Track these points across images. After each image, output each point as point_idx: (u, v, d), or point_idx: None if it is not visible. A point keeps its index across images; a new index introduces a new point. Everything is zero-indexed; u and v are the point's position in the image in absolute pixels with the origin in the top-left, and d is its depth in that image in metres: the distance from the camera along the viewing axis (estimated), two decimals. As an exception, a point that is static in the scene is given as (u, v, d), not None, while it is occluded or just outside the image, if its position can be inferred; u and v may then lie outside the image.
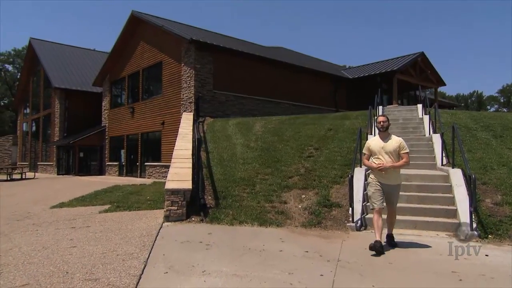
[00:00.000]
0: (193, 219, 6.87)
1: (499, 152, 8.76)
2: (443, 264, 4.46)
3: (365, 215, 6.46)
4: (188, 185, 7.15)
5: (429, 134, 10.53)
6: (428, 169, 8.43)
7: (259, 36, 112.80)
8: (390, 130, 5.46)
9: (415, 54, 23.15)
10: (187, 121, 13.51)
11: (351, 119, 13.10)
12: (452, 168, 7.37)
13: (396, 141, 5.16)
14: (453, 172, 7.12)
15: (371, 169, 5.28)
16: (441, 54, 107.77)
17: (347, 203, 6.86)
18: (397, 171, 5.14)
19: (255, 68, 17.93)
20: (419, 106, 13.68)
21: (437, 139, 9.40)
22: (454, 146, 7.63)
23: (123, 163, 21.00)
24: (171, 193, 6.90)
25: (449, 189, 6.83)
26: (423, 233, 5.86)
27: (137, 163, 19.60)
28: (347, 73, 24.97)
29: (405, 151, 5.11)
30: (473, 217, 5.82)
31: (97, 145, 23.01)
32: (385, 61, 24.64)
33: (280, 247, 5.15)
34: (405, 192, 6.80)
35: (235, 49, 17.11)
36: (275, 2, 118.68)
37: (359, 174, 7.27)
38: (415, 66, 22.94)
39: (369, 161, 5.28)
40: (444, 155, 8.61)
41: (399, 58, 23.67)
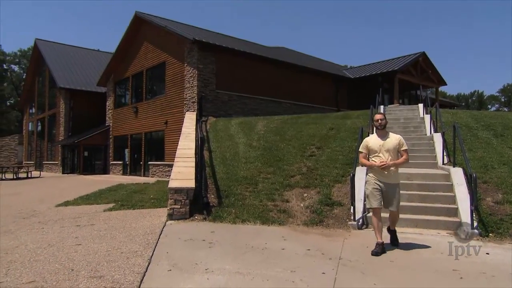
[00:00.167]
0: (196, 217, 6.91)
1: (500, 151, 8.76)
2: (444, 262, 4.46)
3: (366, 213, 6.48)
4: (191, 184, 7.19)
5: (430, 133, 10.51)
6: (429, 168, 8.44)
7: (259, 36, 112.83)
8: (392, 129, 5.42)
9: (416, 54, 23.10)
10: (190, 120, 13.57)
11: (353, 118, 13.12)
12: (453, 167, 7.40)
13: (395, 138, 5.07)
14: (454, 171, 7.14)
15: (370, 167, 5.15)
16: (441, 54, 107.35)
17: (349, 201, 6.89)
18: (396, 169, 5.10)
19: (257, 68, 17.96)
20: (420, 105, 13.68)
21: (438, 138, 9.39)
22: (455, 145, 7.65)
23: (127, 162, 21.13)
24: (174, 191, 6.93)
25: (450, 188, 6.85)
26: (424, 231, 5.86)
27: (141, 162, 19.71)
28: (348, 73, 24.97)
29: (404, 148, 5.04)
30: (474, 215, 5.83)
31: (101, 144, 23.16)
32: (386, 61, 24.60)
33: (282, 245, 5.18)
34: (406, 191, 6.83)
35: (238, 49, 17.16)
36: (275, 2, 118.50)
37: (360, 173, 7.29)
38: (416, 66, 22.89)
39: (369, 160, 5.14)
40: (445, 154, 8.62)
41: (400, 58, 23.62)
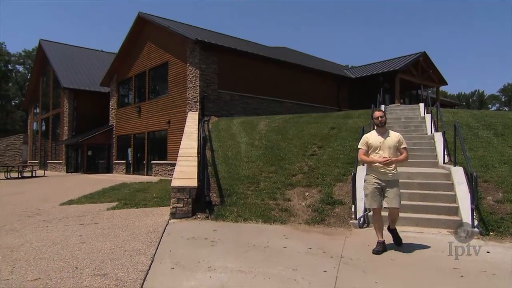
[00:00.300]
0: (199, 216, 6.96)
1: (500, 150, 8.77)
2: (444, 261, 4.47)
3: (367, 212, 6.49)
4: (193, 182, 7.24)
5: (431, 132, 10.51)
6: (430, 167, 8.46)
7: (259, 36, 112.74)
8: (393, 128, 5.42)
9: (417, 54, 23.08)
10: (192, 120, 13.62)
11: (354, 118, 13.13)
12: (453, 166, 7.41)
13: (395, 136, 5.05)
14: (454, 170, 7.16)
15: (370, 164, 5.02)
16: (441, 54, 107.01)
17: (350, 200, 6.92)
18: (396, 166, 5.05)
19: (259, 68, 17.99)
20: (421, 105, 13.65)
21: (439, 138, 9.40)
22: (455, 144, 7.66)
23: (130, 162, 21.22)
24: (177, 190, 6.98)
25: (451, 187, 6.87)
26: (425, 230, 5.89)
27: (144, 161, 19.79)
28: (349, 73, 24.96)
29: (404, 146, 5.03)
30: (475, 214, 5.85)
31: (104, 143, 23.27)
32: (387, 61, 24.58)
33: (284, 244, 5.20)
34: (407, 189, 6.86)
35: (240, 49, 17.18)
36: (275, 2, 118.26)
37: (361, 172, 7.24)
38: (417, 65, 22.86)
39: (369, 157, 5.01)
40: (445, 153, 8.64)
41: (401, 57, 23.62)
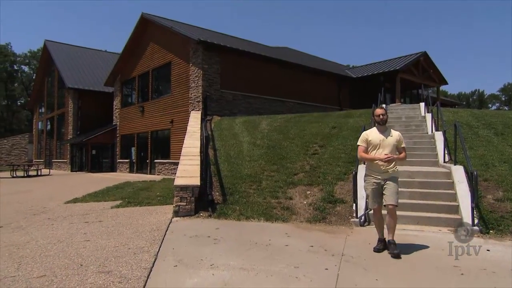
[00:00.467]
0: (201, 214, 7.02)
1: (500, 149, 8.78)
2: (445, 259, 4.49)
3: (368, 210, 6.52)
4: (196, 181, 7.29)
5: (432, 131, 10.54)
6: (430, 166, 8.47)
7: (260, 36, 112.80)
8: (394, 127, 5.42)
9: (417, 53, 23.12)
10: (195, 119, 13.70)
11: (355, 117, 13.18)
12: (454, 165, 7.43)
13: (396, 134, 5.03)
14: (455, 169, 7.18)
15: (370, 161, 4.94)
16: (441, 53, 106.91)
17: (351, 199, 6.96)
18: (396, 165, 5.01)
19: (261, 67, 18.05)
20: (422, 104, 13.66)
21: (439, 137, 9.42)
22: (456, 143, 7.66)
23: (134, 160, 21.37)
24: (180, 189, 7.04)
25: (451, 185, 6.90)
26: (426, 228, 5.92)
27: (147, 160, 19.92)
28: (350, 73, 24.99)
29: (404, 145, 5.04)
30: (475, 213, 5.88)
31: (108, 143, 23.45)
32: (388, 61, 24.61)
33: (285, 242, 5.23)
34: (408, 188, 6.91)
35: (242, 49, 17.26)
36: (275, 2, 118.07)
37: (362, 171, 7.20)
38: (418, 65, 22.88)
39: (370, 154, 4.92)
40: (446, 152, 8.65)
41: (402, 57, 23.65)
